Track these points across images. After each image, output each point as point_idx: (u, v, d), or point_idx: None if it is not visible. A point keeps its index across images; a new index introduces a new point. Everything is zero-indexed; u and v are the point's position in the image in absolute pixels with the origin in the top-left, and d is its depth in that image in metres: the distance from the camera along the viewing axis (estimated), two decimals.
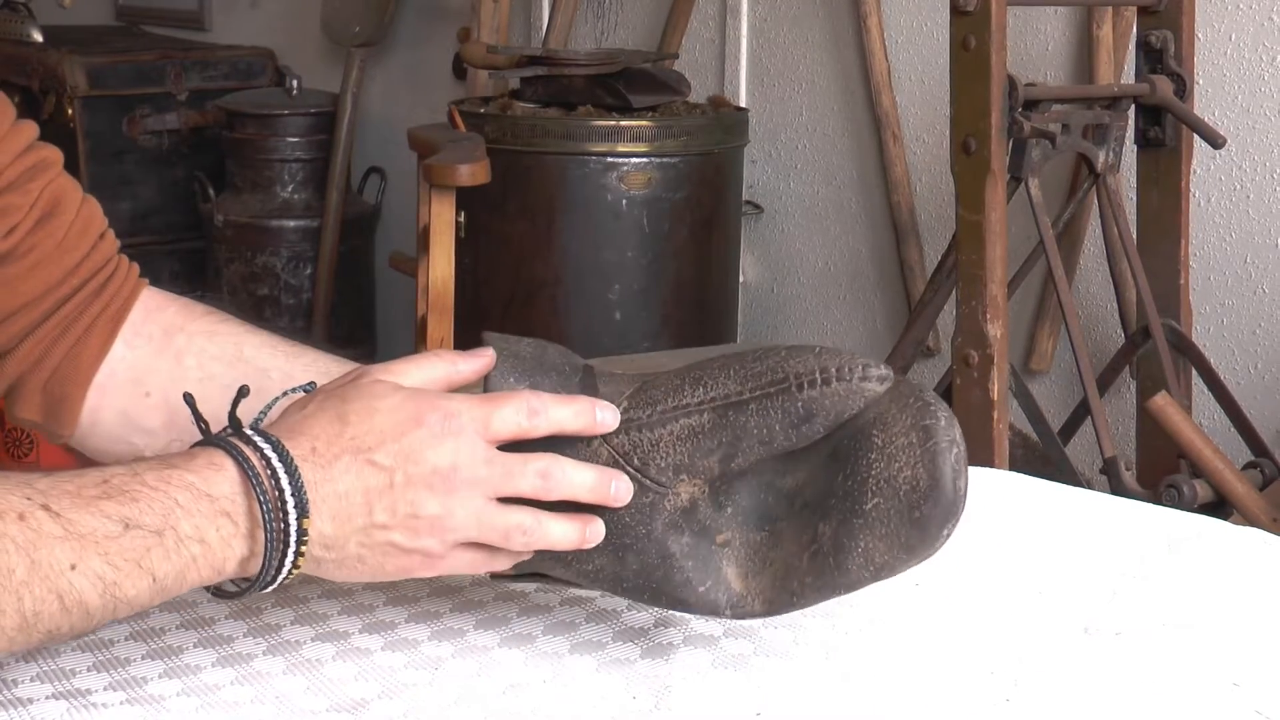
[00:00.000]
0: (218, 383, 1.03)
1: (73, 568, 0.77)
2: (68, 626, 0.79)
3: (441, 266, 2.42)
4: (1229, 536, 1.15)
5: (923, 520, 0.83)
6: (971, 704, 0.89)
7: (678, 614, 1.00)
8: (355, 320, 4.00)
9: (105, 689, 0.88)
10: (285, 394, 0.91)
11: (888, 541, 0.84)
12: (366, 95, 4.09)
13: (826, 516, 0.86)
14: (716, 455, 0.87)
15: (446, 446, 0.85)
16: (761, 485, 0.88)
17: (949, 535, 0.84)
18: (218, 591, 0.86)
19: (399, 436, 0.84)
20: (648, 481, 0.87)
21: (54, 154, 1.04)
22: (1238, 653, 0.96)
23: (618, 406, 0.89)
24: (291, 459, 0.83)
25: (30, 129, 1.04)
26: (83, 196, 1.06)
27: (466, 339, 2.62)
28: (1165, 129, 2.46)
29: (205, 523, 0.81)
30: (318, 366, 1.04)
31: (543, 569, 0.90)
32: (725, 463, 0.87)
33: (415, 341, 2.51)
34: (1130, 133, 2.50)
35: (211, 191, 4.01)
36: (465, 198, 2.58)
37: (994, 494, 1.24)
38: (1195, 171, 2.54)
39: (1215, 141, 2.40)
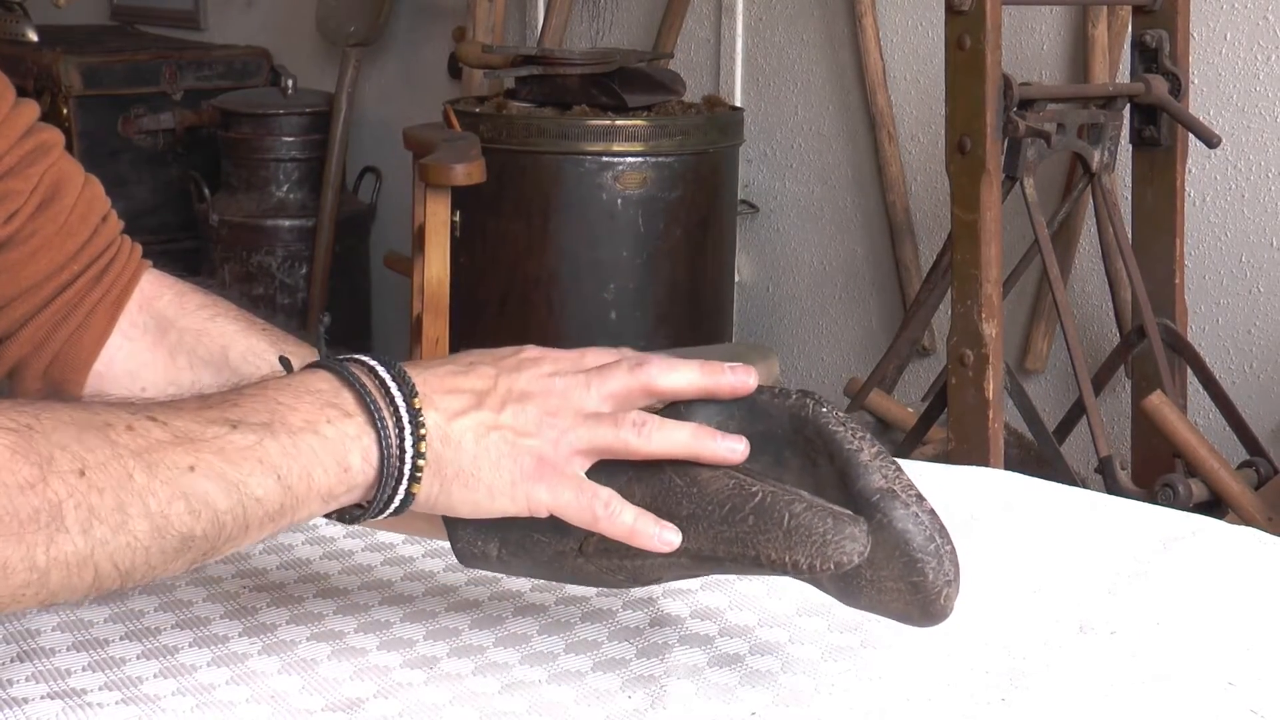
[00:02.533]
0: (205, 388, 1.02)
1: (191, 469, 0.75)
2: (200, 531, 0.76)
3: (437, 266, 2.42)
4: (1224, 535, 1.15)
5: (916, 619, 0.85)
6: (967, 703, 0.89)
7: (673, 613, 1.00)
8: (350, 320, 4.00)
9: (100, 688, 0.88)
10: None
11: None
12: (361, 95, 4.09)
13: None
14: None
15: (545, 365, 0.86)
16: None
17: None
18: (343, 517, 0.83)
19: (496, 358, 0.86)
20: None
21: (55, 136, 1.04)
22: (1233, 652, 0.96)
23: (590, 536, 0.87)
24: (390, 360, 0.83)
25: (30, 110, 1.03)
26: (84, 179, 1.05)
27: (462, 339, 2.63)
28: (1160, 128, 2.46)
29: (315, 413, 0.80)
30: None
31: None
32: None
33: (410, 341, 2.50)
34: (1125, 132, 2.51)
35: (206, 191, 4.01)
36: (460, 197, 2.58)
37: (989, 493, 1.24)
38: (1190, 171, 2.55)
39: (1210, 141, 2.40)
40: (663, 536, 0.82)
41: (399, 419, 0.81)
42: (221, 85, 4.21)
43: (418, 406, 0.81)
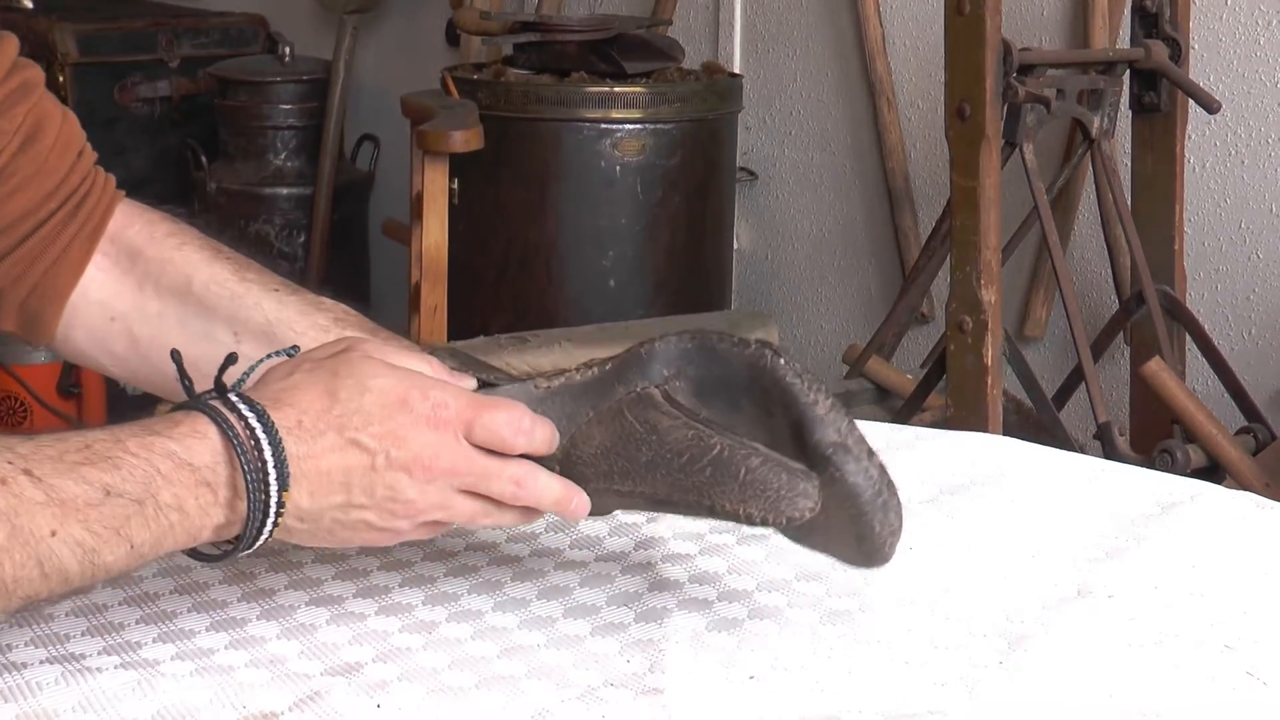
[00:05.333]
0: (170, 317, 1.04)
1: (53, 534, 0.77)
2: (46, 592, 0.79)
3: (435, 233, 2.41)
4: (1222, 500, 1.16)
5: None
6: (965, 666, 0.90)
7: (672, 578, 1.00)
8: (349, 288, 3.99)
9: (99, 653, 0.88)
10: (268, 357, 0.91)
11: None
12: (359, 62, 4.07)
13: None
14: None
15: (431, 436, 0.85)
16: None
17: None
18: (194, 554, 0.85)
19: (386, 419, 0.85)
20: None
21: (36, 74, 1.04)
22: (1230, 615, 0.97)
23: (551, 466, 0.89)
24: (276, 431, 0.82)
25: (10, 46, 1.03)
26: (62, 114, 1.06)
27: (460, 306, 2.63)
28: (1160, 94, 2.45)
29: (185, 492, 0.81)
30: (262, 309, 1.03)
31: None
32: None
33: (409, 309, 2.50)
34: (1125, 98, 2.50)
35: (204, 159, 3.99)
36: (458, 165, 2.57)
37: (987, 459, 1.24)
38: (1190, 137, 2.54)
39: (1210, 106, 2.39)
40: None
41: (266, 509, 0.83)
42: (218, 53, 4.18)
43: (285, 500, 0.83)
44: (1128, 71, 2.46)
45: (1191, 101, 2.43)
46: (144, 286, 1.05)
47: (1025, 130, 2.35)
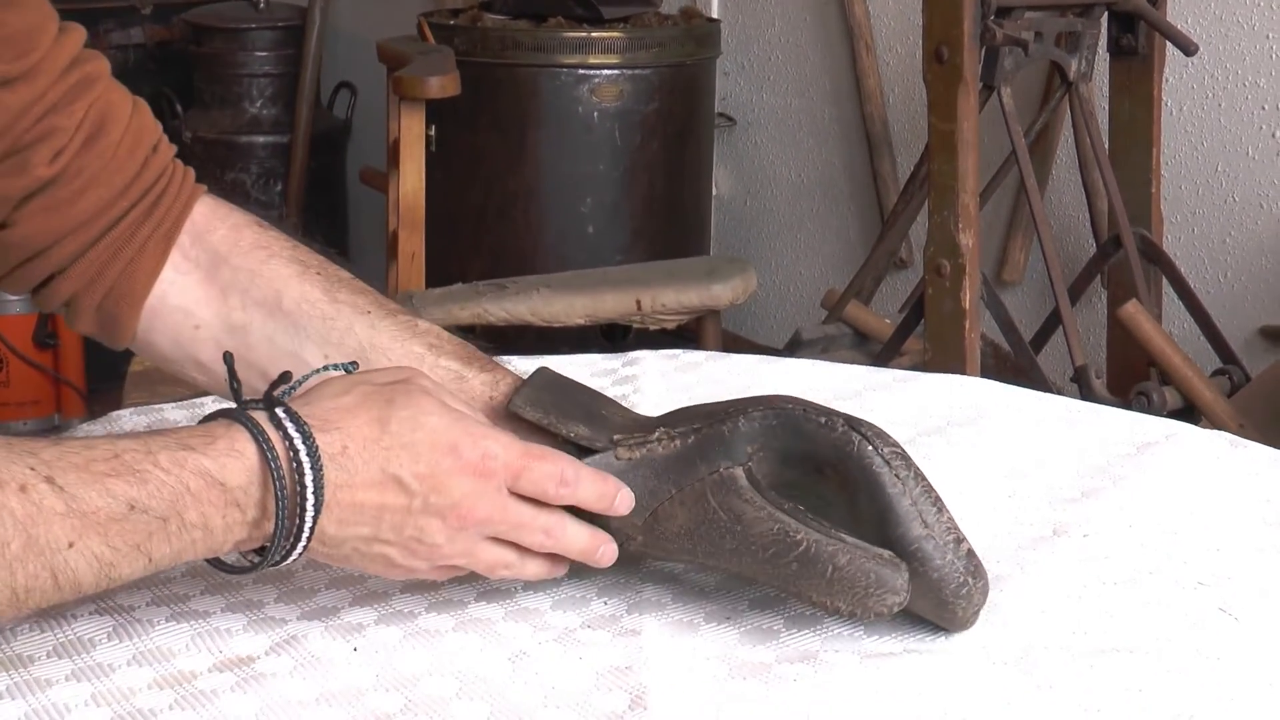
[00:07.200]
0: (256, 331, 0.99)
1: (70, 546, 0.75)
2: (57, 600, 0.77)
3: (412, 180, 2.40)
4: (1197, 440, 1.16)
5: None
6: None
7: None
8: (327, 236, 3.98)
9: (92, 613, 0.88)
10: (323, 369, 0.89)
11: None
12: (335, 8, 4.05)
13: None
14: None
15: (473, 486, 0.84)
16: None
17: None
18: (216, 564, 0.83)
19: (433, 462, 0.83)
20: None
21: (100, 66, 1.00)
22: (1203, 553, 0.97)
23: (633, 537, 0.89)
24: (320, 456, 0.80)
25: (75, 38, 0.99)
26: (133, 107, 1.01)
27: (438, 253, 2.62)
28: (1138, 36, 2.45)
29: (213, 511, 0.79)
30: (355, 334, 0.98)
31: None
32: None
33: (387, 256, 2.50)
34: (1103, 41, 2.49)
35: (179, 107, 3.97)
36: (436, 111, 2.56)
37: (964, 399, 1.24)
38: (1167, 80, 2.54)
39: (1188, 49, 2.39)
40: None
41: (298, 532, 0.81)
42: None
43: (317, 523, 0.81)
44: (1105, 14, 2.46)
45: (1169, 44, 2.43)
46: (229, 295, 1.00)
47: (1003, 73, 2.35)
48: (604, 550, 0.88)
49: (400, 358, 0.97)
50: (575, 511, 0.88)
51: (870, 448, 0.86)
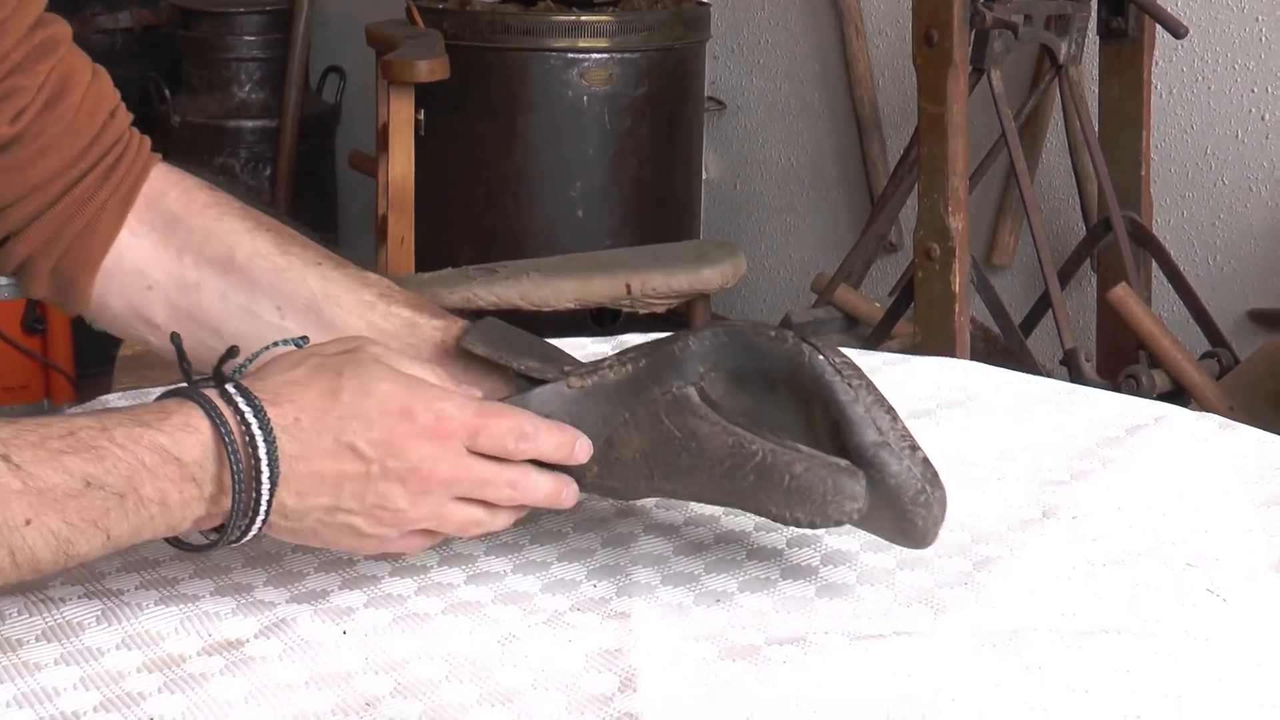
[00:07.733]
0: (209, 289, 1.00)
1: (27, 523, 0.75)
2: (15, 579, 0.77)
3: (401, 164, 2.40)
4: (1186, 422, 1.16)
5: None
6: (931, 586, 0.90)
7: (640, 502, 1.00)
8: (316, 221, 3.97)
9: (63, 583, 0.88)
10: (275, 344, 0.89)
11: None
12: None
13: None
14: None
15: (431, 449, 0.84)
16: None
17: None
18: (173, 543, 0.84)
19: (386, 427, 0.83)
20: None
21: (62, 29, 1.00)
22: (1192, 534, 0.97)
23: (589, 468, 0.88)
24: (272, 429, 0.80)
25: (37, 1, 0.99)
26: (92, 72, 1.01)
27: (427, 238, 2.62)
28: (1128, 19, 2.45)
29: (169, 486, 0.79)
30: (307, 284, 0.99)
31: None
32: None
33: (376, 240, 2.49)
34: (1093, 23, 2.49)
35: (167, 92, 3.95)
36: (425, 95, 2.55)
37: (954, 382, 1.24)
38: (1157, 63, 2.54)
39: (1177, 31, 2.39)
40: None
41: (255, 508, 0.81)
42: None
43: (274, 498, 0.81)
44: None
45: (1159, 27, 2.43)
46: (183, 256, 1.01)
47: (993, 56, 2.35)
48: (566, 493, 0.89)
49: (353, 306, 0.98)
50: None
51: (821, 358, 0.86)
